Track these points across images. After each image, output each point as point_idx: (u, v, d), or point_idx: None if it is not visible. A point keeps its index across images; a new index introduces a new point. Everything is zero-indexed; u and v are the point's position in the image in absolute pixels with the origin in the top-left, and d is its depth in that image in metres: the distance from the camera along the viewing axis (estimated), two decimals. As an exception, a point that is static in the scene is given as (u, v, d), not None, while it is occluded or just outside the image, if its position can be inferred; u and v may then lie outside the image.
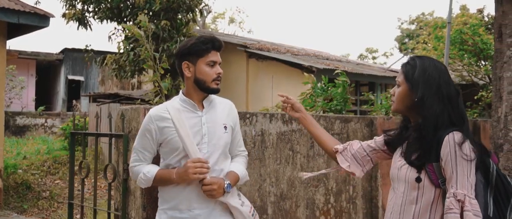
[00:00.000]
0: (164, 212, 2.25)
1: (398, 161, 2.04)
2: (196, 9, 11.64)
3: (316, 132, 2.41)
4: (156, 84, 5.01)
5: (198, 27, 15.49)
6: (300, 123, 2.46)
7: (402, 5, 58.57)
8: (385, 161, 4.54)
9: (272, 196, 3.53)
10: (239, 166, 2.38)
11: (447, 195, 1.82)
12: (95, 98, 14.48)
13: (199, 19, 17.34)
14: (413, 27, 31.04)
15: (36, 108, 19.00)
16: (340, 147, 2.30)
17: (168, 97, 5.66)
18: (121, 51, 10.71)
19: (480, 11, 28.48)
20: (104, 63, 11.37)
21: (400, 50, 30.97)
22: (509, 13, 5.13)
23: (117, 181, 2.86)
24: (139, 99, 5.28)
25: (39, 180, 9.32)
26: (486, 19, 22.19)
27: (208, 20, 28.39)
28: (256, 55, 11.83)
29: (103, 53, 12.56)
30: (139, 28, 6.05)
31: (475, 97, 13.91)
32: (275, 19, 59.44)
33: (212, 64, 2.23)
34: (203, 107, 2.28)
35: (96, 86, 20.83)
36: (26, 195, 8.08)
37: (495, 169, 1.93)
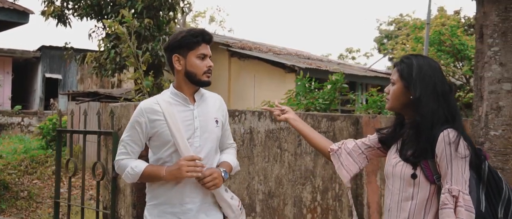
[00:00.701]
0: (154, 207, 2.22)
1: (393, 158, 2.06)
2: (178, 7, 11.57)
3: (308, 132, 2.42)
4: (139, 82, 4.97)
5: (178, 26, 15.39)
6: (291, 124, 2.47)
7: (381, 6, 59.19)
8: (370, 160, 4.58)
9: (260, 194, 3.53)
10: (230, 157, 2.39)
11: (442, 191, 1.85)
12: (74, 96, 14.25)
13: (180, 17, 17.23)
14: (391, 28, 31.40)
15: (12, 107, 18.59)
16: (335, 146, 2.32)
17: (150, 95, 5.61)
18: (102, 49, 10.57)
19: (457, 12, 29.03)
20: (84, 61, 11.20)
21: (379, 51, 31.31)
22: (490, 14, 5.23)
23: (106, 179, 2.82)
24: (122, 98, 5.21)
25: (17, 179, 9.14)
26: (463, 21, 22.64)
27: (188, 19, 28.23)
28: (238, 54, 11.82)
29: (83, 51, 12.39)
30: (122, 24, 5.99)
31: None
32: (256, 19, 59.50)
33: (203, 57, 2.21)
34: (194, 101, 2.27)
35: (75, 85, 20.50)
36: (3, 195, 7.90)
37: (487, 165, 1.97)
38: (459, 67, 18.91)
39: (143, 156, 2.29)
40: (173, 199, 2.18)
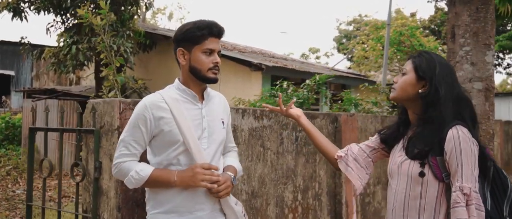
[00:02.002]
0: (157, 215, 2.02)
1: (398, 157, 2.01)
2: (141, 2, 11.27)
3: (316, 135, 2.33)
4: (111, 78, 4.76)
5: (140, 22, 15.02)
6: (299, 124, 2.37)
7: (341, 6, 60.20)
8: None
9: (243, 194, 3.42)
10: (235, 160, 2.26)
11: (453, 189, 1.81)
12: (30, 94, 13.63)
13: (139, 13, 16.84)
14: (351, 28, 31.93)
15: (-40, 104, 17.62)
16: (341, 153, 2.24)
17: (122, 93, 5.38)
18: (61, 44, 10.13)
19: (413, 14, 29.84)
20: (42, 57, 10.72)
21: (338, 50, 31.78)
22: (462, 14, 5.33)
23: (87, 180, 2.64)
24: (93, 95, 4.97)
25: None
26: (419, 22, 23.29)
27: (148, 15, 27.70)
28: (203, 51, 11.62)
29: (40, 47, 11.85)
30: (81, 19, 5.70)
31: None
32: (216, 17, 59.13)
33: (209, 52, 2.05)
34: (203, 99, 2.12)
35: (29, 82, 19.65)
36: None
37: (493, 163, 1.94)
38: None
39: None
40: (181, 206, 2.00)
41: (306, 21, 64.30)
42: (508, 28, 24.02)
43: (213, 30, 2.05)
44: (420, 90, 1.95)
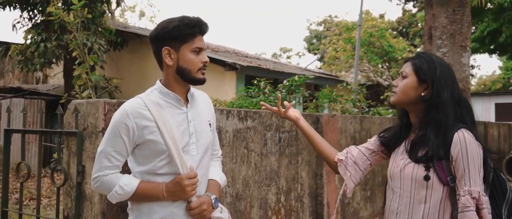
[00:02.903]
0: None
1: (400, 160, 1.98)
2: (113, 0, 11.01)
3: (316, 138, 2.27)
4: (84, 76, 4.60)
5: (110, 20, 14.69)
6: (297, 126, 2.30)
7: (311, 7, 60.65)
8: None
9: (228, 197, 3.35)
10: (217, 172, 2.14)
11: (461, 193, 1.79)
12: (-6, 92, 13.11)
13: (110, 10, 16.48)
14: (321, 28, 32.19)
15: None
16: (341, 156, 2.19)
17: (96, 91, 5.22)
18: (28, 41, 9.78)
19: (382, 16, 30.29)
20: (7, 54, 10.32)
21: (309, 51, 31.98)
22: (439, 16, 5.40)
23: (68, 185, 2.51)
24: (66, 95, 4.78)
25: None
26: (387, 24, 23.64)
27: (117, 13, 27.17)
28: (176, 50, 11.46)
29: (5, 44, 11.42)
30: (49, 15, 5.49)
31: (381, 97, 14.71)
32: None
33: (198, 51, 1.91)
34: (187, 101, 1.98)
35: (-8, 80, 18.95)
36: None
37: (492, 166, 1.94)
38: (385, 68, 19.76)
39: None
40: (170, 217, 1.88)
41: (276, 21, 64.51)
42: (473, 29, 24.67)
43: (202, 27, 1.92)
44: (422, 94, 1.92)
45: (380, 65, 19.77)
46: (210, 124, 2.06)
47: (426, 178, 1.85)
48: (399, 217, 1.95)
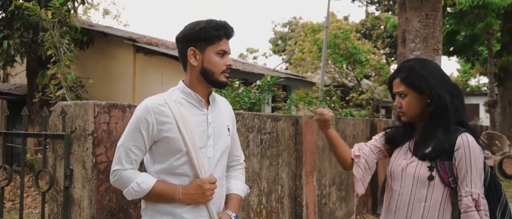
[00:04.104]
0: None
1: (402, 159, 2.03)
2: (79, -3, 10.73)
3: (339, 144, 2.24)
4: (59, 76, 4.47)
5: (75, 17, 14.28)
6: (327, 136, 2.26)
7: (276, 8, 61.07)
8: (308, 159, 4.57)
9: (213, 199, 3.31)
10: (238, 184, 2.15)
11: (464, 194, 1.86)
12: (-50, 91, 12.53)
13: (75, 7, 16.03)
14: (286, 29, 32.43)
15: None
16: (358, 153, 2.19)
17: (72, 91, 5.07)
18: (-10, 39, 9.40)
19: (346, 18, 30.77)
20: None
21: (274, 52, 32.16)
22: (412, 20, 5.53)
23: (55, 189, 2.42)
24: (41, 93, 4.63)
25: None
26: (350, 26, 24.04)
27: (80, 10, 26.48)
28: (144, 49, 11.26)
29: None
30: (26, 12, 5.30)
31: (347, 98, 14.95)
32: (151, 14, 57.90)
33: (223, 53, 1.94)
34: (208, 103, 1.99)
35: None
36: None
37: (489, 170, 2.01)
38: (350, 69, 20.10)
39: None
40: (186, 215, 1.89)
41: (241, 22, 64.58)
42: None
43: (228, 31, 1.96)
44: (429, 100, 1.97)
45: (345, 67, 20.10)
46: (228, 129, 2.07)
47: (430, 178, 1.91)
48: (398, 215, 2.00)
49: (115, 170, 1.90)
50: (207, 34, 1.91)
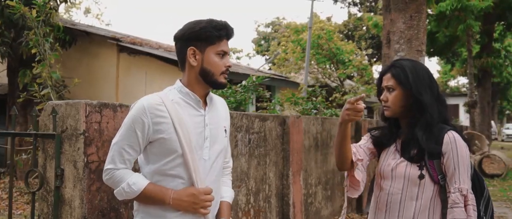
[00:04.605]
0: None
1: (391, 160, 2.07)
2: (61, -4, 10.61)
3: (348, 142, 2.14)
4: (45, 75, 4.42)
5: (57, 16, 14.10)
6: (344, 132, 2.09)
7: (259, 8, 61.06)
8: (295, 159, 4.60)
9: (202, 199, 3.32)
10: (228, 191, 2.15)
11: (452, 190, 1.91)
12: None
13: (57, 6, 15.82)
14: (268, 30, 32.51)
15: None
16: (360, 156, 2.16)
17: (57, 91, 5.02)
18: (-30, 37, 9.24)
19: (329, 19, 30.97)
20: None
21: (257, 52, 32.22)
22: (397, 21, 5.61)
23: (45, 189, 2.40)
24: (25, 92, 4.57)
25: None
26: (332, 27, 24.21)
27: (61, 9, 26.13)
28: (128, 49, 11.20)
29: None
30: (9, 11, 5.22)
31: (330, 98, 15.07)
32: (133, 14, 57.44)
33: (223, 54, 1.91)
34: (206, 104, 1.97)
35: None
36: None
37: (473, 165, 2.07)
38: (333, 69, 20.26)
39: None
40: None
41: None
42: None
43: (229, 32, 1.93)
44: (413, 98, 2.02)
45: (328, 67, 20.25)
46: (225, 130, 2.05)
47: (421, 177, 1.95)
48: (388, 214, 2.03)
49: (107, 169, 1.87)
50: (208, 34, 1.88)
